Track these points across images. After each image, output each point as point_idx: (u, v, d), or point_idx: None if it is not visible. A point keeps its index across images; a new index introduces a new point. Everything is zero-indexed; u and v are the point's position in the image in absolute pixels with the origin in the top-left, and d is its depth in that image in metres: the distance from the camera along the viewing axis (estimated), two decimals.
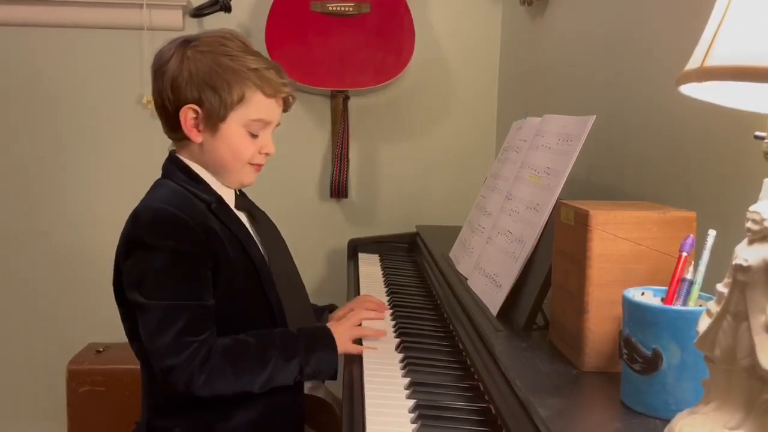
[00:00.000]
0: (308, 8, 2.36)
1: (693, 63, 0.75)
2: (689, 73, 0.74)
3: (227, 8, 2.39)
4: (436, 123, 2.60)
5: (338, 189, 2.51)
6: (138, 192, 1.33)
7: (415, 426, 0.99)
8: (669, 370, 0.84)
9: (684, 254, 0.88)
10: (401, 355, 1.27)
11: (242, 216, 1.38)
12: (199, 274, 1.24)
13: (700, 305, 0.85)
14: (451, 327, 1.41)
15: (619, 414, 0.87)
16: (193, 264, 1.24)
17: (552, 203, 1.23)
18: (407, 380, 1.15)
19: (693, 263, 0.87)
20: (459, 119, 2.60)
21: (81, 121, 2.47)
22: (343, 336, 1.32)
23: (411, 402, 1.06)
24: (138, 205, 1.28)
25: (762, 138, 0.74)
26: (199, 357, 1.20)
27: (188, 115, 1.29)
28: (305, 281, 1.49)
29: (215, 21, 2.39)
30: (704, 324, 0.72)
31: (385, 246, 2.20)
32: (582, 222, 1.00)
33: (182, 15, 2.45)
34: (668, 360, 0.83)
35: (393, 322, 1.45)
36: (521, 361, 1.04)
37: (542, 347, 1.11)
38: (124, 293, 1.27)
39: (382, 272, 1.93)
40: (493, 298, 1.31)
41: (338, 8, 2.36)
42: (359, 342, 1.33)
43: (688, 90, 0.78)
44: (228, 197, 1.36)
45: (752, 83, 0.69)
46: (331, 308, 1.57)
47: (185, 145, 1.34)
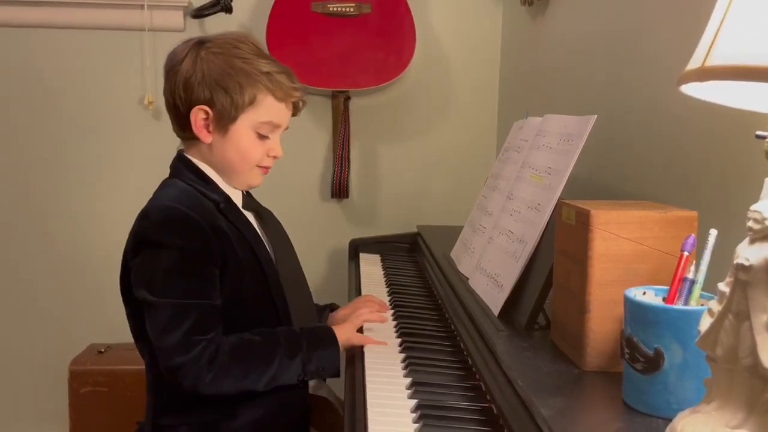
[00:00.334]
0: (309, 9, 2.37)
1: (694, 63, 0.75)
2: (690, 73, 0.75)
3: (228, 9, 2.39)
4: (437, 123, 2.60)
5: (339, 189, 2.51)
6: (138, 192, 1.33)
7: (417, 426, 0.99)
8: (671, 370, 0.84)
9: (685, 254, 0.89)
10: (403, 355, 1.27)
11: (250, 216, 1.39)
12: (208, 273, 1.25)
13: (702, 305, 0.85)
14: (453, 327, 1.41)
15: (621, 413, 0.87)
16: (202, 263, 1.24)
17: (553, 203, 1.23)
18: (409, 380, 1.15)
19: (694, 263, 0.87)
20: (460, 119, 2.60)
21: (82, 122, 2.47)
22: (345, 336, 1.33)
23: (413, 402, 1.06)
24: (147, 204, 1.29)
25: (763, 137, 0.74)
26: (207, 356, 1.20)
27: (199, 116, 1.30)
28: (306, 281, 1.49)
29: (216, 21, 2.39)
30: (706, 323, 0.72)
31: (386, 246, 2.20)
32: (583, 222, 1.00)
33: (183, 16, 2.44)
34: (670, 359, 0.83)
35: (394, 322, 1.46)
36: (523, 361, 1.04)
37: (544, 347, 1.11)
38: (131, 292, 1.27)
39: (384, 272, 1.93)
40: (495, 298, 1.31)
41: (339, 9, 2.36)
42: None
43: (690, 90, 0.78)
44: (236, 197, 1.37)
45: (753, 83, 0.69)
46: (332, 307, 1.58)
47: (194, 145, 1.35)
